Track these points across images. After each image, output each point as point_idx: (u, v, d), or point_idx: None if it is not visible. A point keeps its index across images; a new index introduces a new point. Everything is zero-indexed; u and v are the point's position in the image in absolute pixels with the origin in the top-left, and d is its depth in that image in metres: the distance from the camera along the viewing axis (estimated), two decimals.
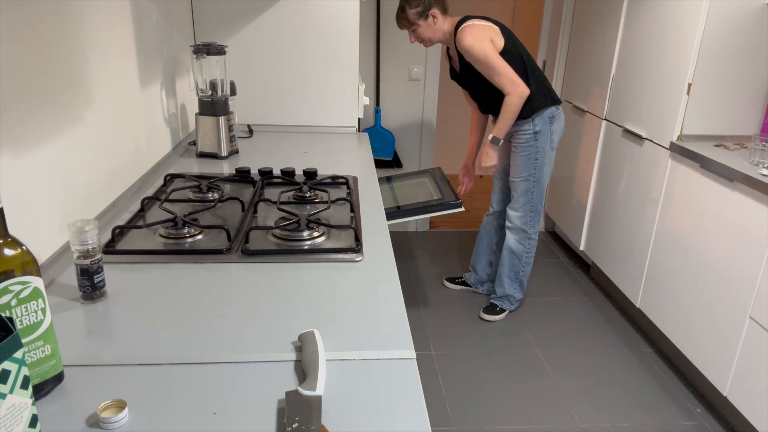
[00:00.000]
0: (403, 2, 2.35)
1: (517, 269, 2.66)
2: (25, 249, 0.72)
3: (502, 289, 2.71)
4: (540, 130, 2.41)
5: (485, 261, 2.87)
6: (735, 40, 2.20)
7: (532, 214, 2.56)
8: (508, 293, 2.71)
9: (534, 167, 2.46)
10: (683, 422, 2.10)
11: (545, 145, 2.44)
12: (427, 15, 2.33)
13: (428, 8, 2.33)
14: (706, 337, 2.10)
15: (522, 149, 2.44)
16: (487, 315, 2.72)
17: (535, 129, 2.40)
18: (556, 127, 2.45)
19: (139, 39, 1.60)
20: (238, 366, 0.83)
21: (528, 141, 2.42)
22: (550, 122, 2.42)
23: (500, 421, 2.08)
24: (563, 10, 3.35)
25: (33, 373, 0.74)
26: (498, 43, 2.29)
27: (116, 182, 1.45)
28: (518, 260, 2.63)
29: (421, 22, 2.35)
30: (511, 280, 2.68)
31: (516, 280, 2.69)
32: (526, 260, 2.64)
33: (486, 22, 2.32)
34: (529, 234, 2.59)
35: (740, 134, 2.34)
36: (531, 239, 2.60)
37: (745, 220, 1.92)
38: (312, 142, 2.17)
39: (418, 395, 0.78)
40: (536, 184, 2.50)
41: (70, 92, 1.20)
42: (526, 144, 2.43)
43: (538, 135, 2.41)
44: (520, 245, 2.60)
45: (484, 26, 2.30)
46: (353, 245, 1.22)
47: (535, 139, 2.42)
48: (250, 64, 2.25)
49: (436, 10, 2.33)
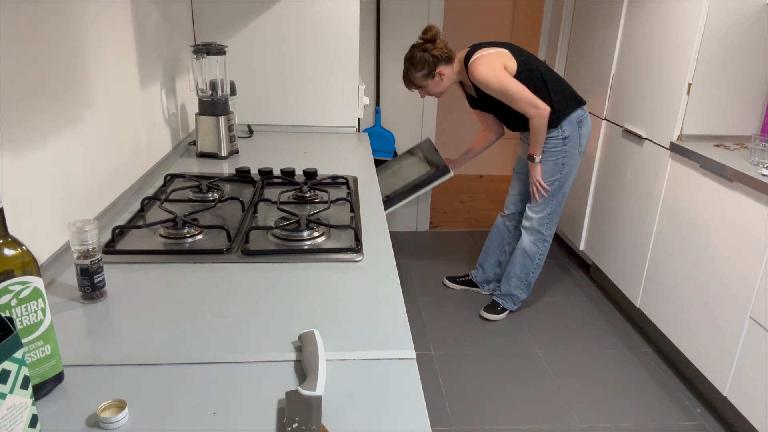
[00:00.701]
0: (409, 65, 2.33)
1: (528, 270, 2.64)
2: (25, 249, 0.72)
3: (507, 287, 2.70)
4: (569, 136, 2.37)
5: (494, 260, 2.86)
6: (735, 40, 2.20)
7: (551, 217, 2.54)
8: (513, 293, 2.70)
9: (560, 172, 2.43)
10: (683, 422, 2.10)
11: (574, 150, 2.41)
12: (434, 74, 2.32)
13: (434, 68, 2.31)
14: (706, 337, 2.10)
15: (550, 154, 2.41)
16: (488, 314, 2.72)
17: (564, 135, 2.37)
18: (585, 131, 2.41)
19: (139, 39, 1.60)
20: (238, 366, 0.83)
21: (557, 146, 2.39)
22: (579, 126, 2.39)
23: (500, 421, 2.08)
24: (563, 10, 3.35)
25: (33, 373, 0.74)
26: (511, 67, 2.26)
27: (116, 182, 1.45)
28: (530, 261, 2.61)
29: (429, 82, 2.34)
30: (519, 281, 2.67)
31: (525, 281, 2.67)
32: (537, 262, 2.62)
33: (495, 49, 2.28)
34: (545, 236, 2.57)
35: (740, 134, 2.34)
36: (546, 241, 2.59)
37: (745, 220, 1.92)
38: (312, 142, 2.17)
39: (418, 395, 0.78)
40: (560, 188, 2.48)
41: (70, 92, 1.20)
42: (554, 149, 2.40)
43: (566, 140, 2.38)
44: (534, 246, 2.58)
45: (494, 54, 2.26)
46: (353, 245, 1.22)
47: (564, 144, 2.38)
48: (250, 64, 2.25)
49: (442, 67, 2.31)
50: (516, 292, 2.69)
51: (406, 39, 3.32)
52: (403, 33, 3.32)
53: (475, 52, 2.28)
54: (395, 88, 3.43)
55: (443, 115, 4.65)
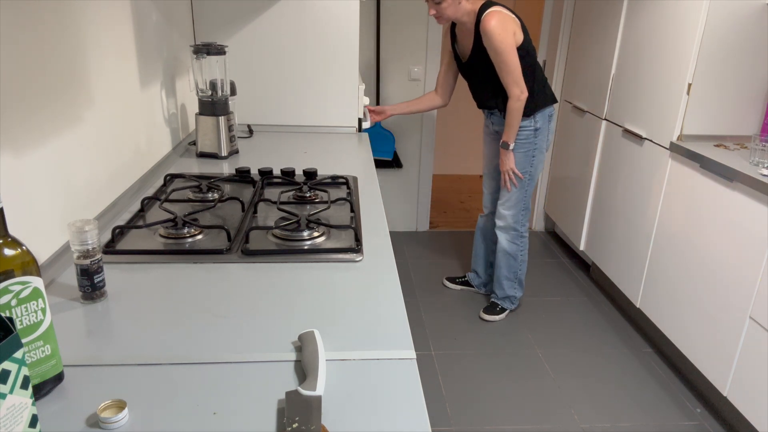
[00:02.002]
0: None
1: (515, 269, 2.66)
2: (25, 249, 0.72)
3: (502, 290, 2.71)
4: (540, 128, 2.42)
5: (485, 262, 2.87)
6: (735, 40, 2.20)
7: (524, 212, 2.56)
8: (507, 294, 2.71)
9: (531, 164, 2.46)
10: (683, 422, 2.10)
11: (542, 144, 2.46)
12: None
13: None
14: (706, 337, 2.10)
15: (521, 145, 2.43)
16: (487, 315, 2.72)
17: (536, 126, 2.41)
18: (552, 127, 2.48)
19: (139, 39, 1.60)
20: (238, 366, 0.83)
21: (528, 138, 2.42)
22: (549, 120, 2.44)
23: (500, 421, 2.08)
24: (563, 10, 3.34)
25: (33, 373, 0.74)
26: (518, 37, 2.25)
27: (116, 182, 1.45)
28: (514, 260, 2.63)
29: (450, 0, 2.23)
30: (510, 282, 2.69)
31: (515, 280, 2.69)
32: (521, 258, 2.64)
33: (510, 13, 2.25)
34: (520, 232, 2.59)
35: (740, 134, 2.34)
36: (523, 237, 2.61)
37: (745, 220, 1.92)
38: (312, 142, 2.17)
39: (418, 395, 0.78)
40: (530, 181, 2.50)
41: (70, 92, 1.20)
42: (525, 141, 2.42)
43: (538, 132, 2.42)
44: (513, 245, 2.60)
45: (509, 17, 2.23)
46: (353, 245, 1.22)
47: (535, 135, 2.42)
48: (250, 64, 2.25)
49: None
50: (510, 292, 2.71)
51: (406, 39, 3.32)
52: (403, 33, 3.32)
53: (492, 6, 2.24)
54: (395, 88, 3.43)
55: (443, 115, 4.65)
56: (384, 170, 3.58)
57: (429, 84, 3.42)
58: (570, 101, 3.33)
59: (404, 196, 3.69)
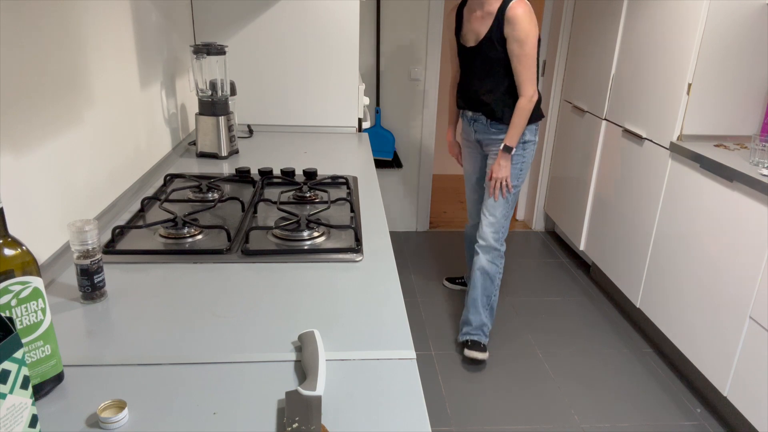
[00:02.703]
0: None
1: (490, 293, 2.44)
2: (25, 249, 0.72)
3: (478, 317, 2.43)
4: (529, 140, 2.30)
5: None
6: (735, 40, 2.20)
7: (504, 230, 2.41)
8: (484, 322, 2.45)
9: (517, 178, 2.33)
10: (683, 422, 2.10)
11: (529, 158, 2.34)
12: None
13: None
14: (706, 337, 2.10)
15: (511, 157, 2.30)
16: (476, 353, 2.41)
17: (525, 138, 2.28)
18: (537, 141, 2.34)
19: (139, 39, 1.60)
20: (238, 366, 0.83)
21: (517, 150, 2.29)
22: (535, 134, 2.32)
23: (500, 421, 2.08)
24: (563, 10, 3.35)
25: (33, 373, 0.74)
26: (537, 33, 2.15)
27: (116, 182, 1.45)
28: (491, 282, 2.42)
29: None
30: (484, 308, 2.44)
31: (488, 306, 2.45)
32: (497, 283, 2.44)
33: None
34: (500, 252, 2.42)
35: (740, 134, 2.34)
36: (502, 257, 2.43)
37: (744, 220, 1.92)
38: (312, 142, 2.17)
39: (418, 395, 0.78)
40: (515, 197, 2.37)
41: (70, 93, 1.20)
42: (515, 154, 2.29)
43: (526, 144, 2.30)
44: (493, 265, 2.41)
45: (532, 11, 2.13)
46: (353, 245, 1.22)
47: (524, 148, 2.30)
48: (250, 64, 2.25)
49: None
50: (486, 320, 2.45)
51: (406, 39, 3.32)
52: (403, 33, 3.32)
53: None
54: (395, 88, 3.43)
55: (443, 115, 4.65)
56: (384, 170, 3.59)
57: (429, 84, 3.42)
58: (570, 101, 3.33)
59: (404, 196, 3.69)
